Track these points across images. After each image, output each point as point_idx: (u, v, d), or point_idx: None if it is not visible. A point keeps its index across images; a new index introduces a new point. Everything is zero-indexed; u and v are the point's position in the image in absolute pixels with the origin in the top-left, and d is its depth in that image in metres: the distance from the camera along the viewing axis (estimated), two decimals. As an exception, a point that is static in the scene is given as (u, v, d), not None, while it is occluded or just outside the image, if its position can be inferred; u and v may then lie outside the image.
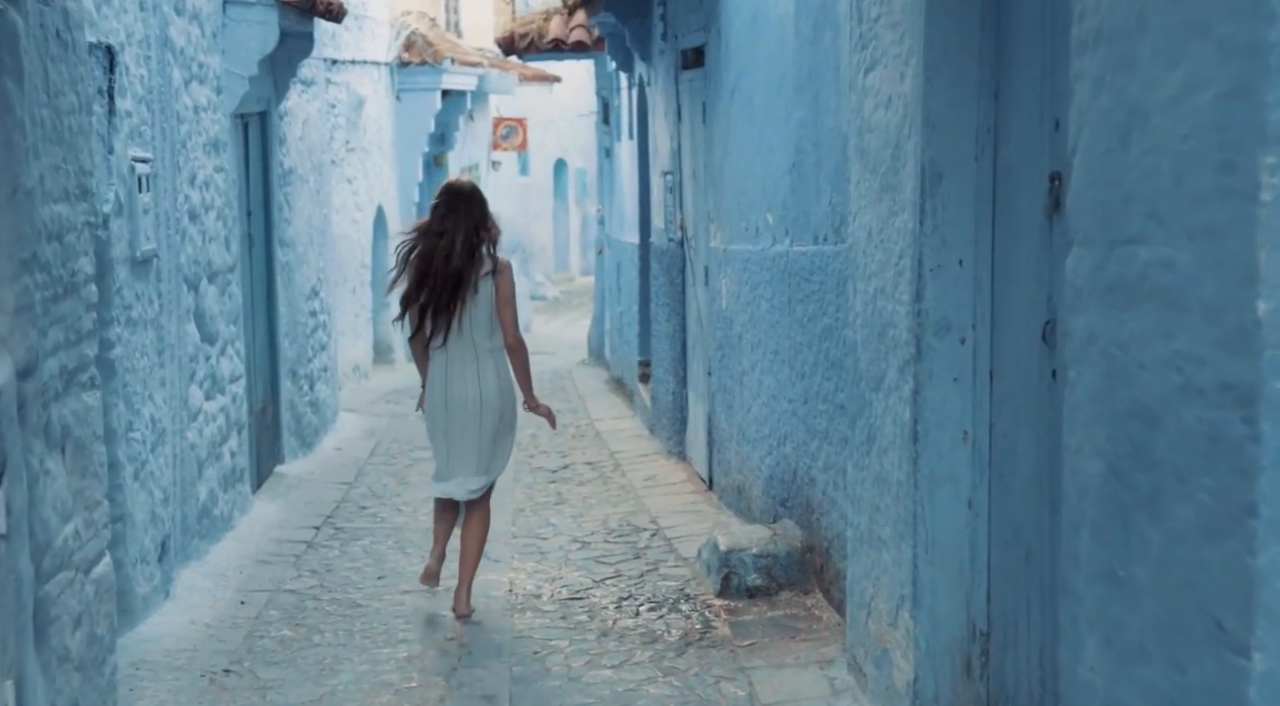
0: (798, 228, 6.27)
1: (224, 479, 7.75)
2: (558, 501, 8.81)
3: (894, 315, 4.45)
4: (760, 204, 6.97)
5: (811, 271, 6.03)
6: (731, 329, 7.75)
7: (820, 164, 5.89)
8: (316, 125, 11.28)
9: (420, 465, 10.18)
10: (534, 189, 25.49)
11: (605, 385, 14.21)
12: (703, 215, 8.63)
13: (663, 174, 10.02)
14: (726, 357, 7.94)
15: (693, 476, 9.09)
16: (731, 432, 7.85)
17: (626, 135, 12.68)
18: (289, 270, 10.05)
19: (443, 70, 17.09)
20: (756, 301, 7.10)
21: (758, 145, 7.00)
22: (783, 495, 6.69)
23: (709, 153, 8.28)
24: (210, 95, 7.70)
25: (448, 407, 6.21)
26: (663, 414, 10.27)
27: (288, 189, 10.08)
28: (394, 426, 12.06)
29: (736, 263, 7.56)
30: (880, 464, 4.63)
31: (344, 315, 14.70)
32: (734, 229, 7.62)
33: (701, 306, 8.77)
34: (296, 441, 10.12)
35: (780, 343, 6.61)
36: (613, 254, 14.20)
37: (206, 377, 7.48)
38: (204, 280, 7.46)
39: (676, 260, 9.58)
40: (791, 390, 6.43)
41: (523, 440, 10.91)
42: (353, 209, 15.24)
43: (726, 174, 7.80)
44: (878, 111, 4.60)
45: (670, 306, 9.88)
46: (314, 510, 8.62)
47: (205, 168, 7.53)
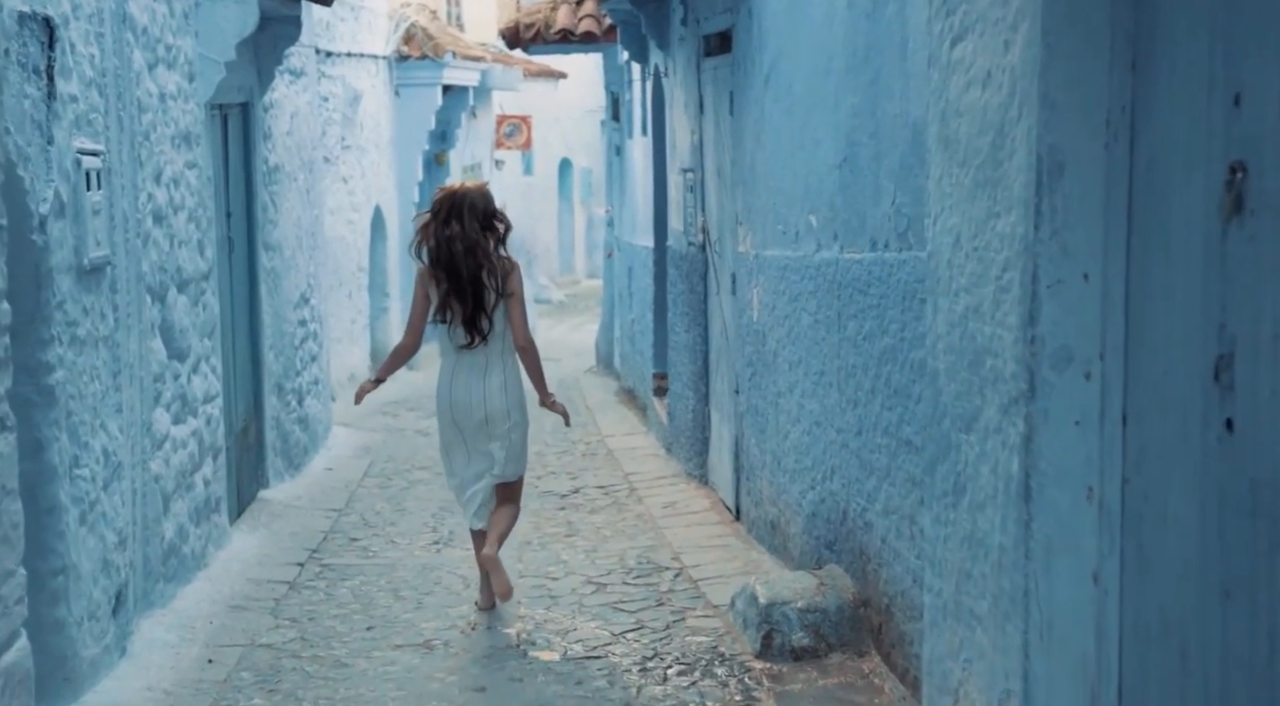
0: (849, 232, 5.40)
1: (195, 511, 6.89)
2: (569, 532, 7.93)
3: (995, 341, 3.57)
4: (801, 204, 6.11)
5: (868, 283, 5.16)
6: (765, 344, 6.88)
7: (880, 157, 5.02)
8: (307, 119, 10.42)
9: (417, 488, 9.32)
10: (538, 189, 24.63)
11: (615, 396, 13.35)
12: (729, 217, 7.77)
13: (682, 172, 9.16)
14: (758, 376, 7.07)
15: (717, 504, 8.22)
16: (764, 460, 6.99)
17: (639, 131, 11.81)
18: (275, 276, 9.18)
19: (444, 64, 16.23)
20: (796, 314, 6.24)
21: (798, 138, 6.14)
22: (828, 536, 5.82)
23: (737, 147, 7.41)
24: (180, 82, 6.84)
25: (454, 414, 6.15)
26: (681, 432, 9.40)
27: (273, 188, 9.22)
28: (390, 442, 11.20)
29: (771, 270, 6.69)
30: (973, 522, 3.76)
31: (339, 321, 13.85)
32: (768, 232, 6.76)
33: (728, 317, 7.90)
34: (283, 462, 9.25)
35: (827, 363, 5.75)
36: (623, 257, 13.33)
37: (175, 399, 6.62)
38: (172, 290, 6.60)
39: (697, 266, 8.71)
40: (841, 418, 5.57)
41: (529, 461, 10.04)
42: (348, 210, 14.38)
43: (759, 171, 6.94)
44: (970, 90, 3.72)
45: (690, 316, 9.01)
46: (299, 543, 7.75)
47: (174, 163, 6.67)
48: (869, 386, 5.20)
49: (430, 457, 10.34)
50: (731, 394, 7.81)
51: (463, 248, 5.99)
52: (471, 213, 6.00)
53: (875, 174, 5.08)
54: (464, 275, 6.00)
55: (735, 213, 7.54)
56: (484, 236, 6.02)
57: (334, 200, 13.83)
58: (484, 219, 6.04)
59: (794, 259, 6.24)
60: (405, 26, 15.99)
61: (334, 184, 13.87)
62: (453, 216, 6.03)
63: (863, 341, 5.25)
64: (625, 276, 13.06)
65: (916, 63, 4.60)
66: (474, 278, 6.00)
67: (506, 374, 6.14)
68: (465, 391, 6.11)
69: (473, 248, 5.99)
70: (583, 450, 10.60)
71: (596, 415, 12.24)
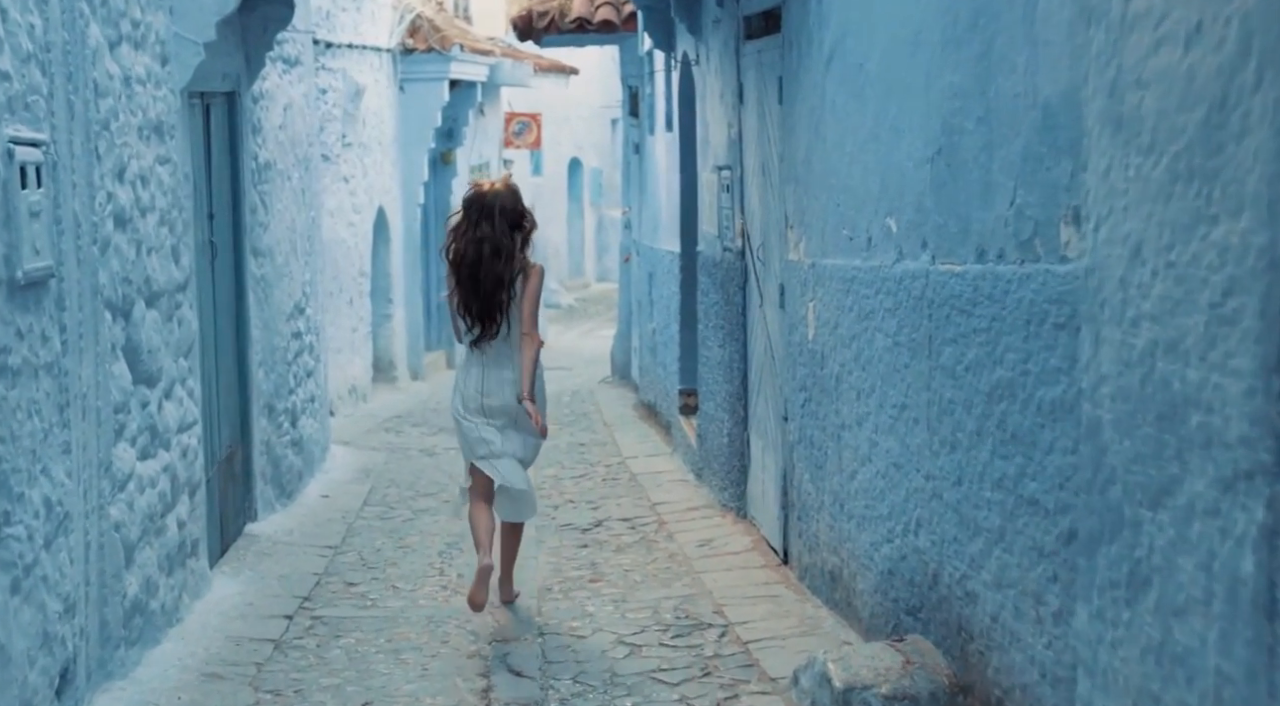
0: (946, 238, 4.44)
1: (167, 559, 5.92)
2: (593, 576, 6.96)
3: (1208, 390, 2.61)
4: (875, 206, 5.14)
5: (973, 301, 4.20)
6: (823, 367, 5.91)
7: (992, 148, 4.05)
8: (302, 112, 9.46)
9: (422, 519, 8.36)
10: (547, 190, 23.67)
11: (634, 411, 12.38)
12: (776, 220, 6.80)
13: (716, 170, 8.19)
14: (814, 403, 6.10)
15: (759, 543, 7.24)
16: (821, 500, 6.02)
17: (663, 126, 10.84)
18: (265, 285, 8.22)
19: (451, 58, 15.26)
20: (867, 335, 5.27)
21: (872, 127, 5.17)
22: (911, 601, 4.85)
23: (788, 141, 6.45)
24: (150, 64, 5.88)
25: (485, 413, 6.18)
26: (714, 457, 8.44)
27: (263, 187, 8.26)
28: (393, 464, 10.23)
29: (832, 282, 5.73)
30: (1164, 631, 2.79)
31: (340, 330, 12.89)
32: (828, 238, 5.79)
33: (774, 334, 6.93)
34: (274, 491, 8.29)
35: (911, 395, 4.78)
36: (643, 263, 12.36)
37: (143, 430, 5.66)
38: (139, 304, 5.64)
39: (735, 274, 7.75)
40: (932, 463, 4.59)
41: (545, 485, 9.11)
42: (349, 211, 13.42)
43: (816, 167, 5.97)
44: (1163, 51, 2.75)
45: (725, 330, 8.04)
46: (289, 588, 6.78)
47: (142, 157, 5.71)
48: (973, 427, 4.23)
49: (435, 483, 9.39)
50: (778, 421, 6.84)
51: (489, 250, 6.05)
52: (503, 215, 6.07)
53: (985, 168, 4.11)
54: (483, 276, 6.05)
55: (785, 215, 6.57)
56: (512, 238, 6.09)
57: (334, 201, 12.88)
58: (513, 219, 6.10)
59: (864, 270, 5.28)
60: (410, 18, 15.03)
61: (334, 183, 12.93)
62: (483, 218, 6.09)
63: (964, 372, 4.28)
64: (645, 283, 12.09)
65: (1052, 26, 3.63)
66: (496, 278, 6.06)
67: (518, 368, 6.15)
68: (482, 382, 6.17)
69: (498, 250, 6.05)
70: (603, 474, 9.63)
71: (615, 432, 11.27)
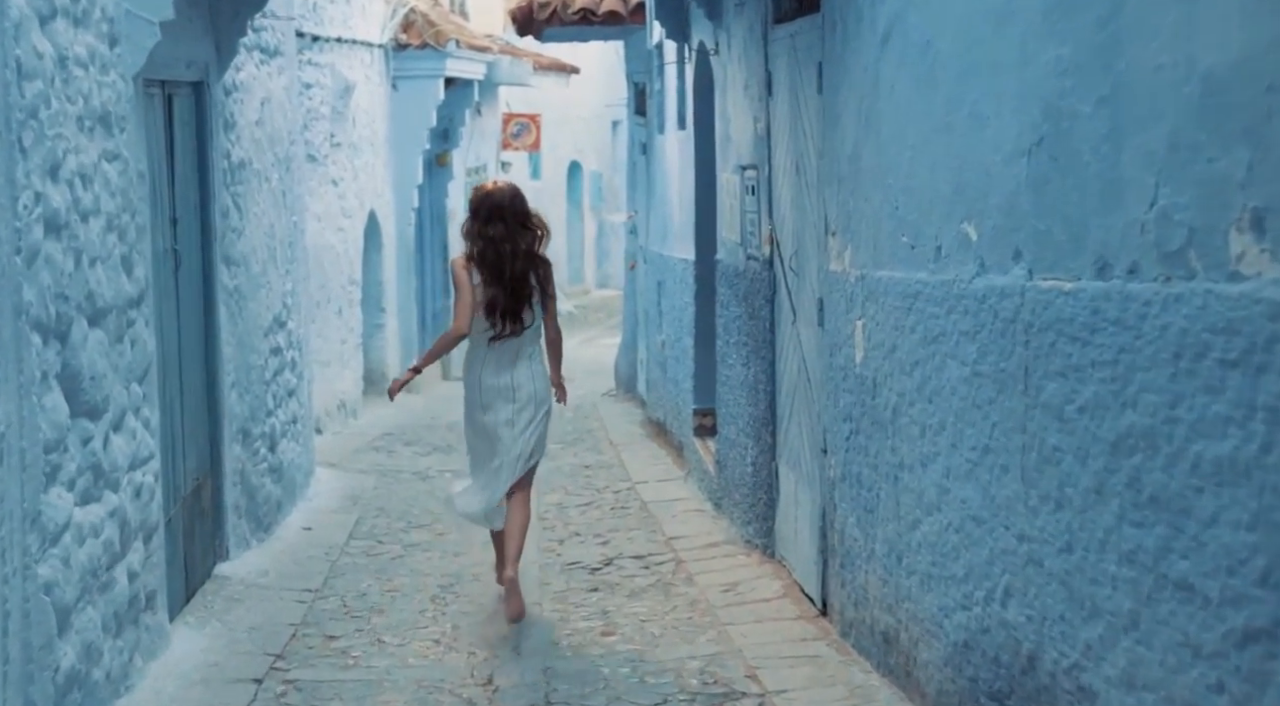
0: (1049, 248, 3.59)
1: (114, 618, 5.07)
2: (605, 628, 6.10)
3: None
4: (948, 208, 4.29)
5: (1091, 326, 3.35)
6: (875, 396, 5.06)
7: (1121, 134, 3.20)
8: (283, 108, 8.61)
9: (413, 555, 7.51)
10: (546, 194, 22.80)
11: (641, 428, 11.53)
12: (813, 225, 5.96)
13: (738, 170, 7.35)
14: (863, 437, 5.25)
15: (791, 589, 6.39)
16: (872, 548, 5.17)
17: (673, 124, 9.99)
18: (238, 297, 7.37)
19: (446, 54, 14.42)
20: (935, 362, 4.42)
21: (944, 115, 4.32)
22: (995, 683, 4.00)
23: (830, 134, 5.60)
24: (94, 44, 5.03)
25: (483, 400, 6.35)
26: (735, 487, 7.59)
27: (237, 188, 7.41)
28: (383, 489, 9.37)
29: (888, 298, 4.88)
30: None
31: (328, 342, 12.05)
32: (882, 246, 4.95)
33: (810, 354, 6.08)
34: (249, 525, 7.43)
35: (998, 437, 3.93)
36: (651, 270, 11.51)
37: (84, 471, 4.80)
38: (79, 323, 4.79)
39: (761, 286, 6.90)
40: (1028, 521, 3.74)
41: (549, 514, 8.27)
42: (339, 215, 12.57)
43: (867, 163, 5.13)
44: None
45: (750, 347, 7.20)
46: (260, 643, 5.93)
47: (82, 152, 4.86)
48: (1090, 483, 3.38)
49: (428, 512, 8.54)
50: (815, 453, 6.00)
51: (510, 249, 6.17)
52: (513, 215, 6.21)
53: (1109, 161, 3.26)
54: (508, 275, 6.16)
55: (824, 220, 5.73)
56: (525, 234, 6.21)
57: (321, 205, 12.04)
58: (520, 217, 6.23)
59: (932, 284, 4.43)
60: (404, 12, 14.19)
61: (321, 186, 12.09)
62: (494, 217, 6.21)
63: (1076, 415, 3.43)
64: (653, 292, 11.24)
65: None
66: (520, 276, 6.19)
67: (533, 364, 6.35)
68: (496, 377, 6.28)
69: (517, 249, 6.17)
70: (611, 501, 8.78)
71: (623, 453, 10.41)
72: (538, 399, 6.34)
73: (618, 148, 25.92)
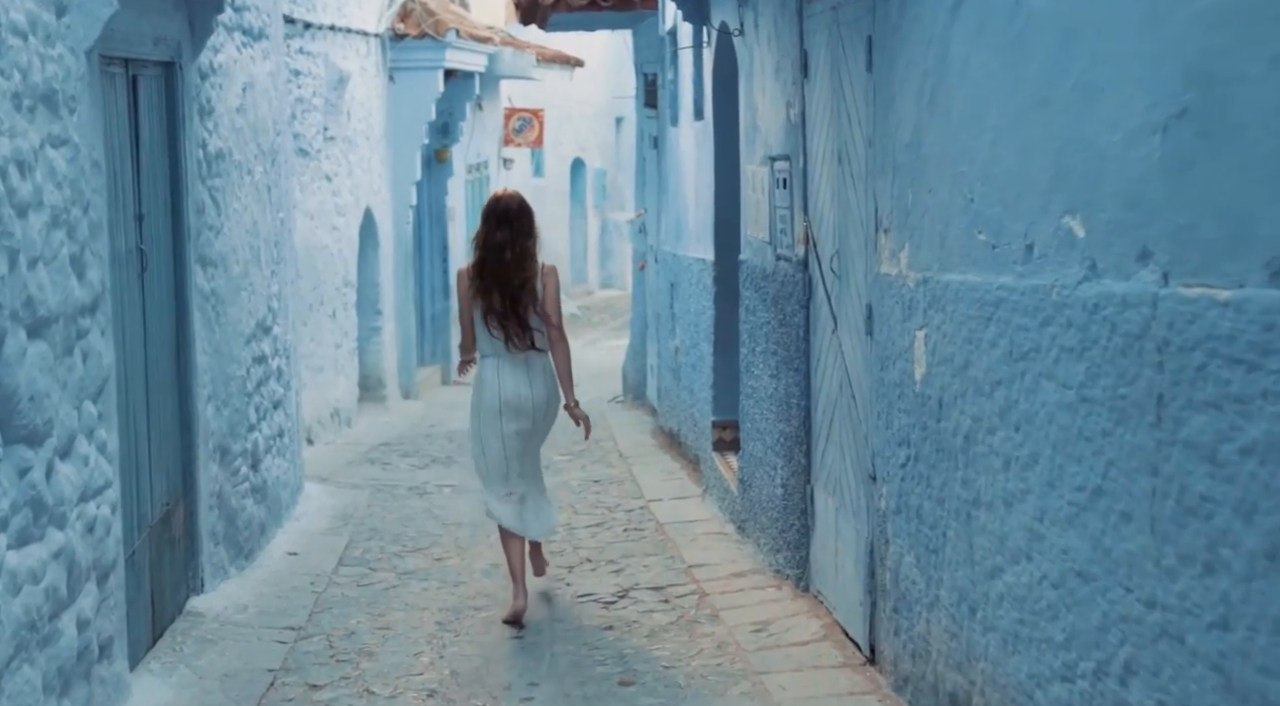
0: (1194, 247, 2.85)
1: (59, 674, 4.33)
2: (624, 675, 5.37)
3: None
4: (1044, 198, 3.56)
5: (1261, 348, 2.62)
6: (942, 419, 4.33)
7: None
8: (267, 95, 7.87)
9: (409, 585, 6.78)
10: (549, 192, 22.07)
11: (652, 438, 10.80)
12: (859, 221, 5.23)
13: (767, 161, 6.62)
14: (925, 465, 4.52)
15: (832, 630, 5.66)
16: (935, 594, 4.44)
17: (689, 115, 9.26)
18: (216, 301, 6.64)
19: (446, 45, 13.69)
20: (1025, 383, 3.69)
21: (1039, 87, 3.58)
22: (1108, 774, 3.27)
23: (883, 118, 4.87)
24: (35, 11, 4.30)
25: (502, 410, 6.20)
26: (762, 509, 6.86)
27: (215, 182, 6.68)
28: (377, 507, 8.64)
29: (959, 305, 4.15)
30: None
31: (321, 347, 11.32)
32: (951, 245, 4.22)
33: (855, 367, 5.35)
34: (228, 552, 6.70)
35: (1118, 478, 3.19)
36: (663, 271, 10.78)
37: (20, 508, 4.07)
38: (16, 334, 4.06)
39: (794, 289, 6.18)
40: (1161, 585, 3.01)
41: (556, 535, 7.54)
42: (332, 213, 11.84)
43: (931, 150, 4.40)
44: None
45: (780, 357, 6.47)
46: (233, 695, 5.20)
47: (21, 136, 4.13)
48: (1259, 546, 2.65)
49: (426, 534, 7.82)
50: (862, 479, 5.27)
51: (511, 256, 6.11)
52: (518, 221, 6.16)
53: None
54: (511, 282, 6.11)
55: (874, 215, 4.99)
56: (528, 241, 6.14)
57: (314, 202, 11.32)
58: (528, 226, 6.18)
59: (1021, 290, 3.70)
60: (402, 0, 13.45)
61: (314, 182, 11.36)
62: (501, 223, 6.17)
63: (1239, 457, 2.70)
64: (665, 294, 10.51)
65: None
66: (522, 284, 6.12)
67: (545, 369, 6.26)
68: (513, 385, 6.19)
69: (521, 258, 6.11)
70: (623, 522, 8.04)
71: (634, 467, 9.68)
72: (545, 408, 6.27)
73: (622, 145, 25.20)
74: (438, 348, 15.29)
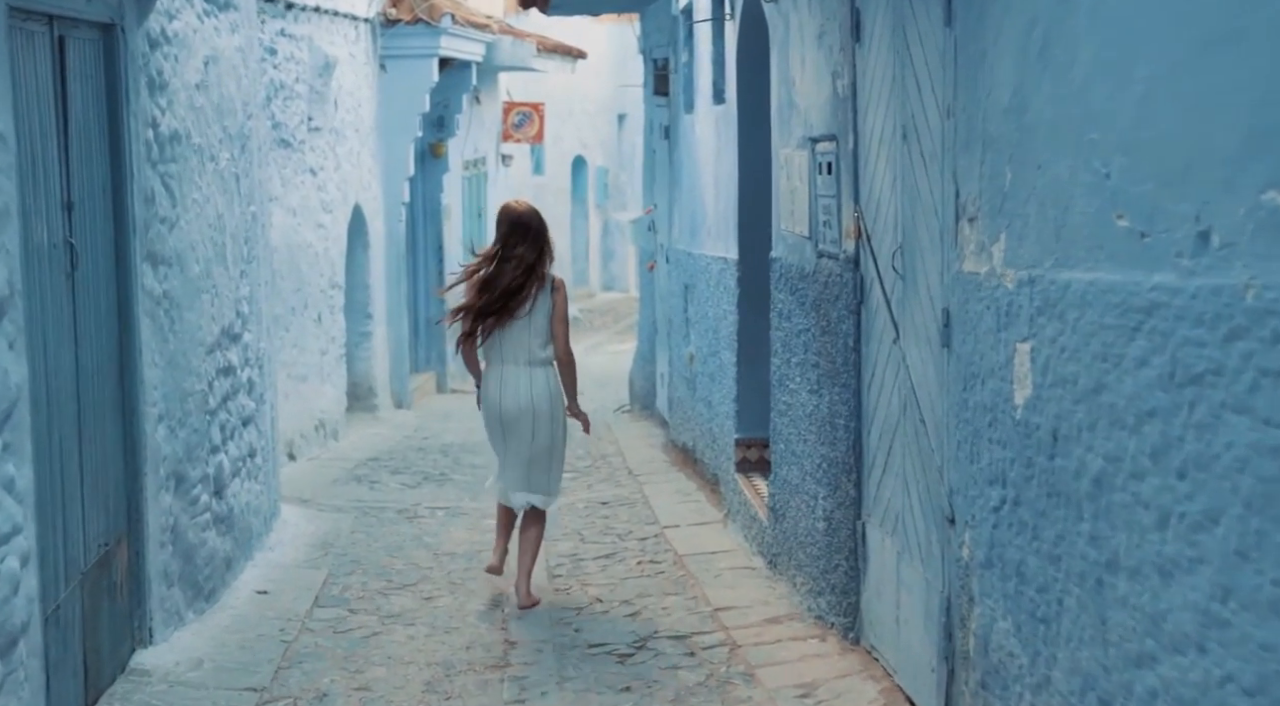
0: None
1: (-60, 781, 3.40)
2: (646, 756, 4.44)
3: None
4: (1234, 169, 2.61)
5: None
6: (1056, 455, 3.39)
7: None
8: (237, 73, 6.92)
9: (394, 631, 5.84)
10: (549, 190, 21.12)
11: (664, 453, 9.86)
12: (930, 208, 4.29)
13: (807, 143, 5.68)
14: (1029, 510, 3.57)
15: (893, 698, 4.69)
16: (1047, 676, 3.49)
17: (707, 99, 8.32)
18: (170, 306, 5.69)
19: (441, 31, 12.76)
20: (1197, 414, 2.74)
21: (1224, 18, 2.64)
22: None
23: (969, 82, 3.92)
24: (-93, -62, 3.36)
25: (502, 418, 6.20)
26: (799, 544, 5.92)
27: (169, 167, 5.73)
28: (361, 534, 7.69)
29: (1087, 310, 3.20)
30: None
31: (305, 354, 10.38)
32: (1072, 232, 3.27)
33: (923, 383, 4.41)
34: (184, 594, 5.75)
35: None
36: (675, 272, 9.84)
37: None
38: (-127, 350, 3.12)
39: (841, 290, 5.24)
40: None
41: (561, 569, 6.61)
42: (318, 209, 10.88)
43: (1040, 115, 3.44)
44: None
45: (823, 369, 5.53)
46: (174, 782, 4.26)
47: (-118, 95, 3.19)
48: None
49: (415, 567, 6.89)
50: (934, 519, 4.33)
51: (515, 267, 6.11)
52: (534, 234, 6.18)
53: None
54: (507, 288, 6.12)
55: (955, 201, 4.05)
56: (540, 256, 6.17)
57: (297, 196, 10.38)
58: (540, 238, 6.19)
59: (1187, 292, 2.75)
60: (393, -17, 12.51)
61: (298, 175, 10.42)
62: (513, 237, 6.18)
63: None
64: (679, 296, 9.57)
65: None
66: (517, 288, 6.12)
67: (549, 383, 6.21)
68: (514, 399, 6.17)
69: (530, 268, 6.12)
70: (637, 553, 7.09)
71: (646, 486, 8.74)
72: (548, 417, 6.20)
73: (624, 142, 24.28)
74: (432, 353, 14.33)
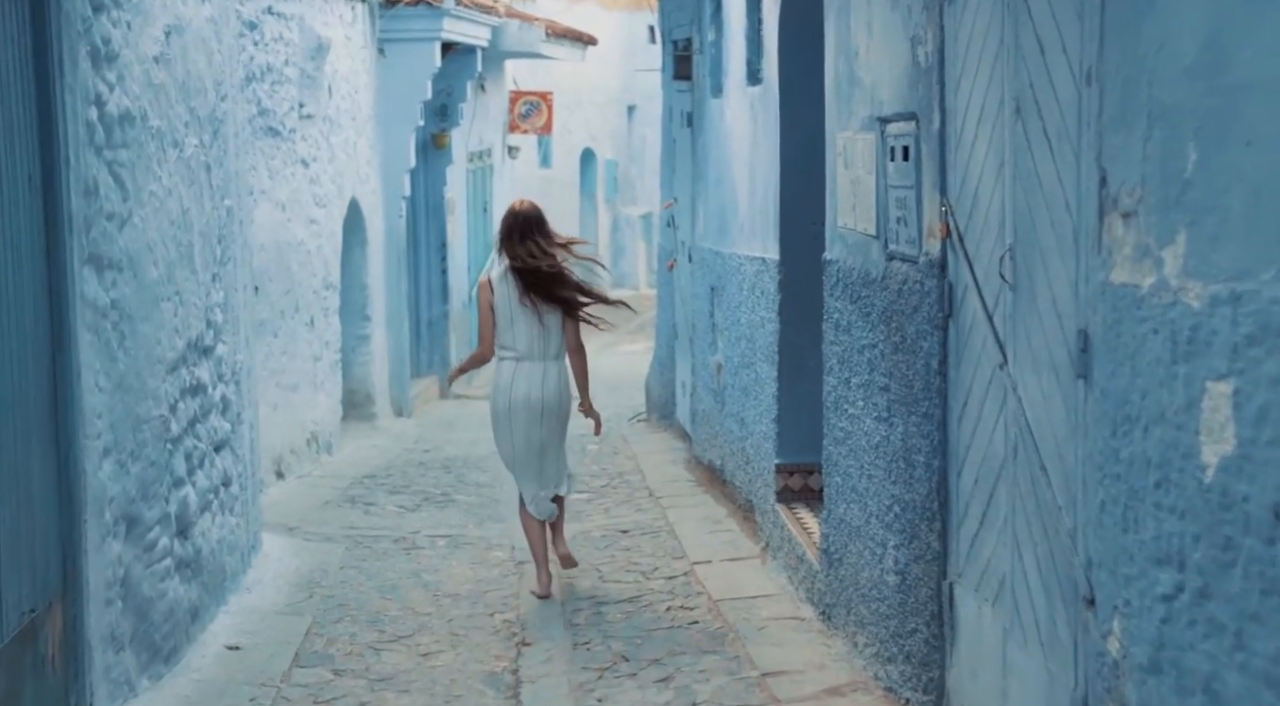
0: None
1: None
2: None
3: None
4: None
5: None
6: (1278, 539, 2.44)
7: None
8: (209, 48, 5.98)
9: (387, 697, 4.90)
10: (557, 184, 20.18)
11: (686, 470, 8.92)
12: (1058, 202, 3.34)
13: (875, 124, 4.73)
14: (1226, 607, 2.63)
15: (1000, 808, 3.77)
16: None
17: (740, 80, 7.37)
18: (120, 317, 4.75)
19: (444, 13, 11.82)
20: None
21: None
22: None
23: (1123, 38, 2.97)
24: None
25: (511, 410, 6.24)
26: (860, 597, 4.98)
27: (118, 154, 4.78)
28: (352, 568, 6.75)
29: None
30: None
31: (296, 361, 9.44)
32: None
33: (1050, 423, 3.46)
34: (136, 658, 4.81)
35: None
36: (699, 272, 8.89)
37: None
38: None
39: (921, 300, 4.29)
40: None
41: (579, 614, 5.68)
42: (310, 203, 9.94)
43: (1245, 73, 2.51)
44: None
45: (895, 393, 4.59)
46: None
47: None
48: None
49: (413, 614, 5.95)
50: (1064, 596, 3.39)
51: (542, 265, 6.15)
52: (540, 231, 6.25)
53: None
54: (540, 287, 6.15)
55: (1100, 190, 3.11)
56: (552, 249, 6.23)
57: (287, 190, 9.43)
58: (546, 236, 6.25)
59: None
60: (392, -39, 11.56)
61: (287, 167, 9.47)
62: (525, 236, 6.21)
63: None
64: (704, 299, 8.63)
65: None
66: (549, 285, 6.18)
67: (560, 376, 6.28)
68: (526, 386, 6.19)
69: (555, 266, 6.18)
70: (665, 596, 6.15)
71: (670, 511, 7.80)
72: (556, 411, 6.31)
73: (634, 135, 23.35)
74: (435, 357, 13.40)
